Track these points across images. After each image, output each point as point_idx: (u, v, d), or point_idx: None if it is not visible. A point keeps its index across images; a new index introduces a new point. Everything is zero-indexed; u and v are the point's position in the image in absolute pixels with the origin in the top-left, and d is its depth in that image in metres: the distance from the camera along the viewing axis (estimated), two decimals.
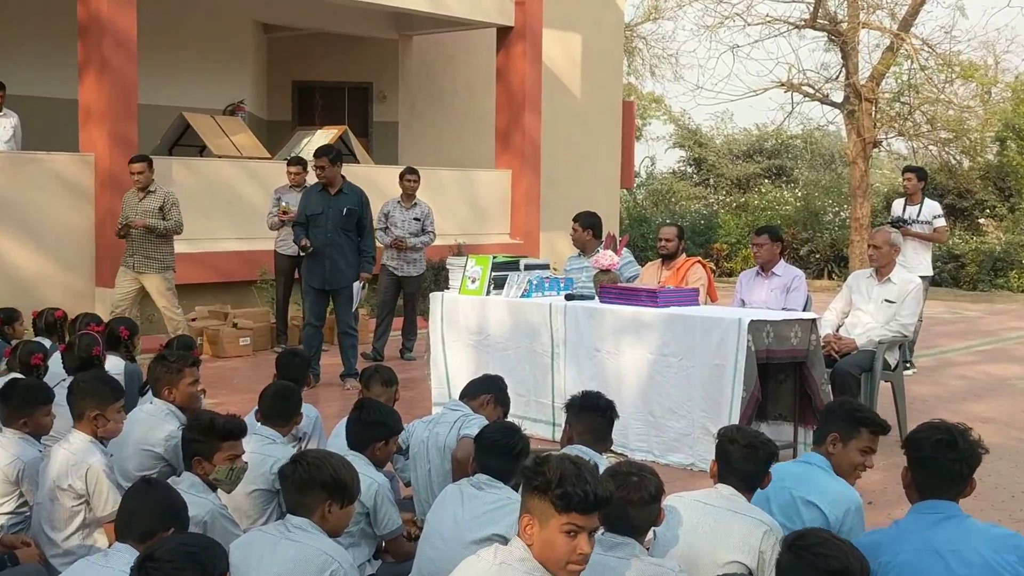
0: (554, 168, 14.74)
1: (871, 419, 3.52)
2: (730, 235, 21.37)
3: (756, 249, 6.70)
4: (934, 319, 12.62)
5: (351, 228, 7.84)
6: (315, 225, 7.88)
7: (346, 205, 7.82)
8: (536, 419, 6.31)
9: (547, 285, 6.56)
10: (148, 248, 8.37)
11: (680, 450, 5.66)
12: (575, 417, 3.88)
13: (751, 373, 5.36)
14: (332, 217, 7.82)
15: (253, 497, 3.81)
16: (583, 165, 15.90)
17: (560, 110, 15.24)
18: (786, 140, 26.93)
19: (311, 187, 8.12)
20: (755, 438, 3.26)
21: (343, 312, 7.89)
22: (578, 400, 3.88)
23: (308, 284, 7.98)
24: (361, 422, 3.81)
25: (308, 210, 7.92)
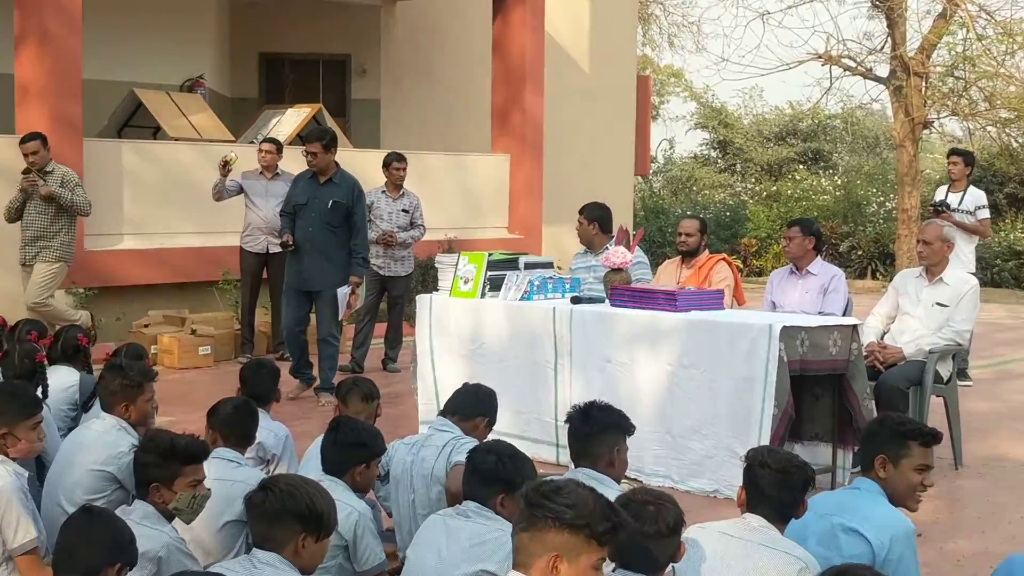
0: (558, 153, 14.75)
1: (919, 430, 3.52)
2: (759, 229, 21.41)
3: (786, 243, 6.72)
4: (992, 324, 12.65)
5: (337, 223, 7.85)
6: (299, 216, 7.91)
7: (332, 197, 7.83)
8: (537, 439, 6.32)
9: (550, 286, 6.57)
10: (44, 236, 8.40)
11: (702, 475, 5.67)
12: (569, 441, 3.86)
13: (783, 387, 5.36)
14: (317, 208, 7.84)
15: (224, 532, 3.81)
16: (592, 149, 15.92)
17: (565, 86, 15.25)
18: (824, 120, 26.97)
19: (301, 173, 8.13)
20: (789, 461, 3.27)
21: (324, 318, 7.92)
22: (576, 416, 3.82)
23: (287, 283, 8.04)
24: (338, 444, 3.82)
25: (294, 199, 7.94)
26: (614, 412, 3.84)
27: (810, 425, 5.94)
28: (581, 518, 2.39)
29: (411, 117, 14.69)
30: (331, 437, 3.85)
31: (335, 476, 3.77)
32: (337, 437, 3.82)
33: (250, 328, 9.62)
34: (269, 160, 9.43)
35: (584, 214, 7.23)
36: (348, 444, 3.80)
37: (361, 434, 3.84)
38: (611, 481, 3.67)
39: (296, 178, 8.16)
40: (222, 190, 9.31)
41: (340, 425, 3.87)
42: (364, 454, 3.82)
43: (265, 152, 9.45)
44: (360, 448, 3.81)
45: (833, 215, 20.86)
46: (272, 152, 9.44)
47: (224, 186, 9.28)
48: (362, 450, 3.82)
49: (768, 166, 26.22)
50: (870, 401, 5.78)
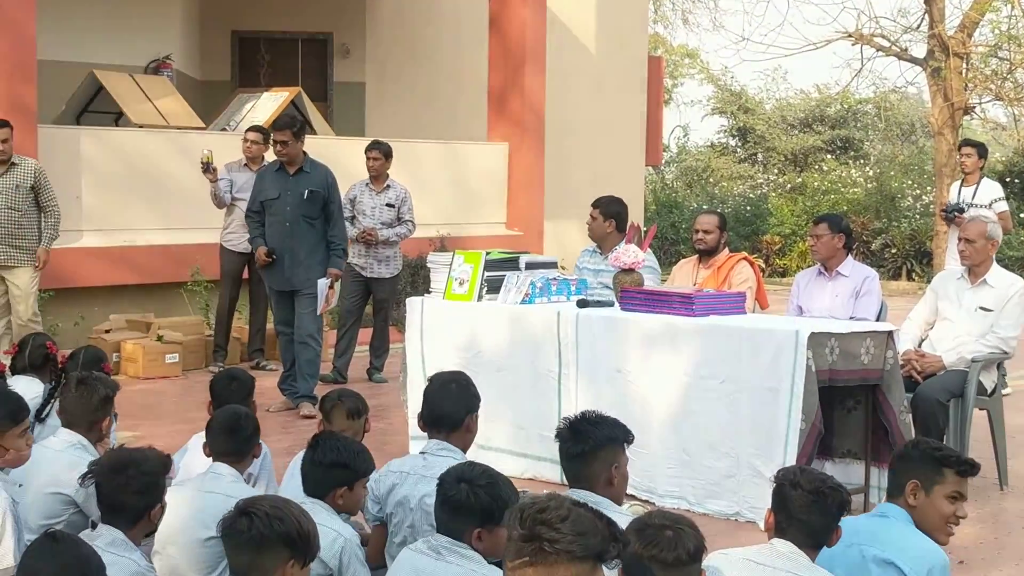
0: (562, 141, 14.75)
1: (955, 458, 3.55)
2: (783, 225, 21.41)
3: (813, 242, 6.72)
4: None
5: (315, 214, 7.91)
6: (271, 213, 7.93)
7: (307, 187, 7.88)
8: (539, 457, 6.31)
9: (554, 288, 6.57)
10: (18, 236, 8.38)
11: (722, 496, 5.67)
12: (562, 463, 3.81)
13: (811, 399, 5.37)
14: (291, 202, 7.87)
15: (208, 546, 3.81)
16: (598, 137, 15.93)
17: (569, 68, 15.26)
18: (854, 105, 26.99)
19: (265, 168, 8.20)
20: (823, 482, 3.28)
21: (304, 318, 7.95)
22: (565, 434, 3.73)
23: (269, 286, 8.08)
24: (317, 464, 3.80)
25: (262, 195, 7.97)
26: (607, 423, 3.75)
27: (841, 441, 5.94)
28: (591, 548, 2.38)
29: (399, 102, 14.69)
30: (310, 456, 3.84)
31: (316, 498, 3.77)
32: (315, 456, 3.81)
33: (225, 335, 9.62)
34: (255, 151, 9.42)
35: (600, 208, 7.19)
36: (328, 464, 3.79)
37: (343, 453, 3.82)
38: (611, 503, 3.61)
39: (261, 173, 8.18)
40: (221, 196, 9.31)
41: (319, 443, 3.85)
42: (346, 476, 3.80)
43: (251, 142, 9.43)
44: (342, 469, 3.80)
45: (864, 210, 20.86)
46: (258, 142, 9.41)
47: (220, 191, 9.28)
48: (343, 472, 3.80)
49: (792, 156, 26.22)
50: (907, 415, 5.78)
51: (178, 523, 3.81)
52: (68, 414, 4.36)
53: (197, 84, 14.41)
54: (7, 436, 3.77)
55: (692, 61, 31.96)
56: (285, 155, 7.87)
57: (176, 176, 10.46)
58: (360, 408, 4.64)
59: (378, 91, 14.83)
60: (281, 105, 12.06)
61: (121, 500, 3.45)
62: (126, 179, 10.44)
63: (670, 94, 30.62)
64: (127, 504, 3.45)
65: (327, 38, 15.03)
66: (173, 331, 9.65)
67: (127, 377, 9.13)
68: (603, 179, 14.28)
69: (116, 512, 3.46)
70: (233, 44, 15.02)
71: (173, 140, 10.79)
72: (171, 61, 13.18)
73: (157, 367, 9.31)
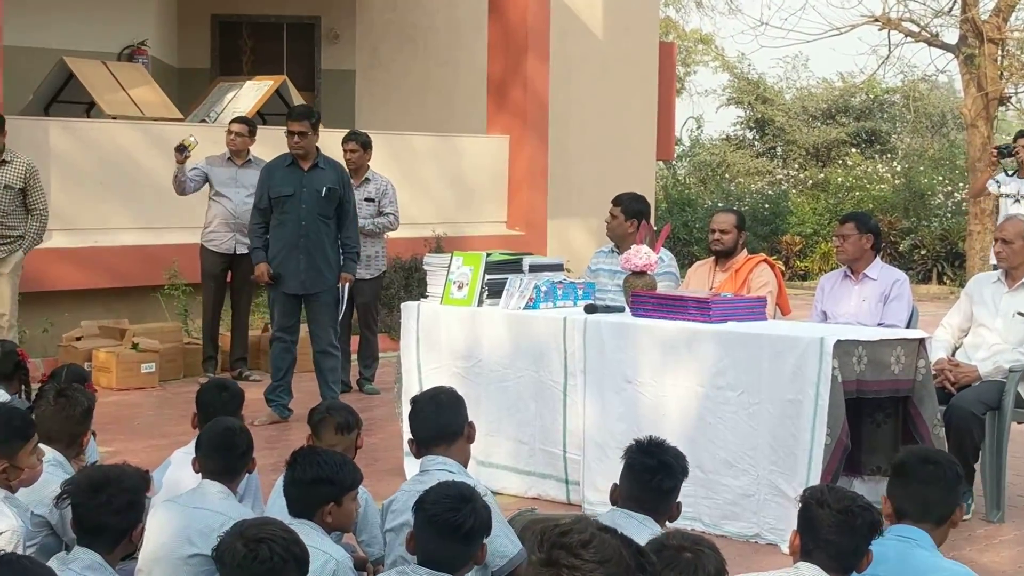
0: (566, 134, 14.77)
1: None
2: (804, 224, 21.43)
3: (839, 242, 6.72)
4: None
5: (330, 214, 7.96)
6: (283, 211, 7.91)
7: (325, 184, 7.90)
8: (544, 474, 6.32)
9: (560, 292, 6.57)
10: (8, 237, 8.36)
11: (740, 516, 5.67)
12: (622, 474, 3.97)
13: (837, 412, 5.37)
14: (307, 200, 7.87)
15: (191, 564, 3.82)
16: (606, 129, 15.93)
17: (575, 55, 15.28)
18: (880, 95, 27.00)
19: (275, 161, 8.13)
20: (853, 501, 3.29)
21: (322, 325, 7.96)
22: (631, 452, 3.98)
23: (277, 288, 8.04)
24: (298, 482, 3.81)
25: (274, 191, 7.94)
26: (682, 455, 4.05)
27: (869, 457, 5.93)
28: None
29: (391, 91, 14.70)
30: (290, 475, 3.85)
31: (303, 518, 3.77)
32: (296, 474, 3.82)
33: (213, 343, 9.62)
34: (239, 144, 9.40)
35: (621, 207, 7.16)
36: (311, 481, 3.80)
37: (324, 468, 3.82)
38: (653, 522, 3.78)
39: (269, 168, 8.12)
40: (184, 181, 9.24)
41: (298, 459, 3.86)
42: (331, 491, 3.81)
43: (235, 134, 9.40)
44: (325, 485, 3.80)
45: (892, 208, 20.88)
46: (243, 134, 9.40)
47: (186, 176, 9.23)
48: (328, 487, 3.81)
49: (814, 149, 26.24)
50: (940, 428, 5.78)
51: (165, 541, 3.82)
52: (46, 428, 4.36)
53: (174, 72, 14.42)
54: (19, 455, 3.80)
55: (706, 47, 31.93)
56: (301, 148, 7.86)
57: (152, 171, 10.46)
58: (351, 422, 4.64)
59: (369, 79, 14.84)
60: (264, 95, 12.08)
61: (101, 521, 3.46)
62: (98, 174, 10.45)
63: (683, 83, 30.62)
64: (107, 525, 3.46)
65: (314, 22, 15.04)
66: (149, 338, 9.64)
67: (100, 388, 9.09)
68: (611, 175, 14.29)
69: (95, 534, 3.47)
70: (213, 29, 15.03)
71: (149, 132, 10.80)
72: (146, 47, 13.19)
73: (132, 377, 9.31)
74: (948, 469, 3.63)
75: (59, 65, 11.37)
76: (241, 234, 9.33)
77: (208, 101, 12.51)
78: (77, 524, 3.53)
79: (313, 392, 8.08)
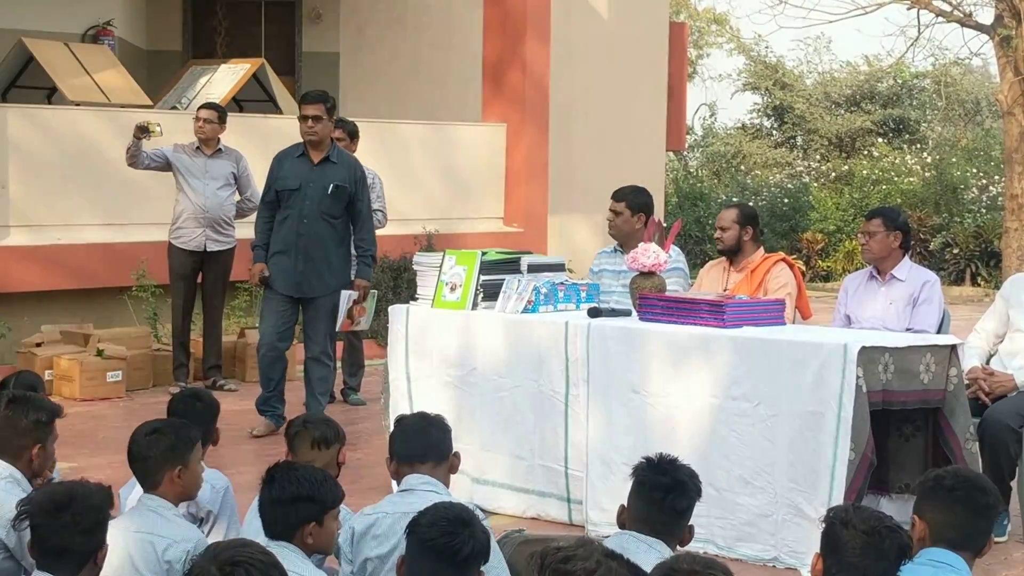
0: (568, 121, 14.77)
1: None
2: (827, 220, 21.46)
3: (864, 240, 6.72)
4: None
5: (338, 213, 7.93)
6: (287, 206, 7.91)
7: (333, 180, 7.87)
8: (543, 493, 6.32)
9: (561, 294, 6.57)
10: None
11: (757, 538, 5.67)
12: (632, 494, 3.99)
13: (862, 425, 5.37)
14: (312, 195, 7.86)
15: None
16: (612, 117, 15.94)
17: (578, 37, 15.28)
18: (909, 80, 27.04)
19: (285, 151, 8.11)
20: (880, 522, 3.30)
21: (318, 332, 7.95)
22: (641, 469, 4.00)
23: (269, 289, 8.04)
24: (276, 502, 3.81)
25: (281, 182, 7.93)
26: (695, 474, 4.07)
27: (897, 474, 5.94)
28: None
29: (379, 75, 14.70)
30: (267, 494, 3.84)
31: (282, 540, 3.77)
32: (273, 493, 3.81)
33: (185, 349, 9.62)
34: (209, 132, 9.40)
35: (625, 201, 7.12)
36: (290, 500, 3.79)
37: (303, 485, 3.81)
38: (663, 545, 3.79)
39: (279, 157, 8.10)
40: (137, 154, 9.25)
41: (275, 476, 3.85)
42: (311, 511, 3.80)
43: (203, 121, 9.40)
44: (305, 504, 3.79)
45: (922, 203, 20.90)
46: (212, 121, 9.40)
47: (140, 150, 9.22)
48: (308, 506, 3.80)
49: (837, 139, 26.28)
50: (973, 443, 5.78)
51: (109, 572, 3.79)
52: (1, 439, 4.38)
53: (143, 54, 14.42)
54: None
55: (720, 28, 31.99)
56: (315, 134, 7.86)
57: (119, 163, 10.42)
58: (328, 436, 4.61)
59: (354, 63, 14.84)
60: (241, 79, 12.09)
61: (64, 543, 3.45)
62: (60, 166, 10.44)
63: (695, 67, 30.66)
64: (71, 547, 3.46)
65: (294, 1, 15.05)
66: (116, 345, 9.64)
67: (62, 399, 9.12)
68: (617, 166, 14.30)
69: (58, 556, 3.46)
70: (185, 8, 15.04)
71: (115, 120, 10.78)
72: (113, 28, 13.19)
73: (97, 387, 9.31)
74: (993, 497, 3.66)
75: (17, 47, 11.38)
76: (212, 230, 9.33)
77: (180, 86, 12.52)
78: (37, 547, 3.52)
79: (298, 403, 8.09)
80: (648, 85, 16.61)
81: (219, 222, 9.39)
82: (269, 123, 11.50)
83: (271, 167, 8.13)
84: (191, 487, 4.25)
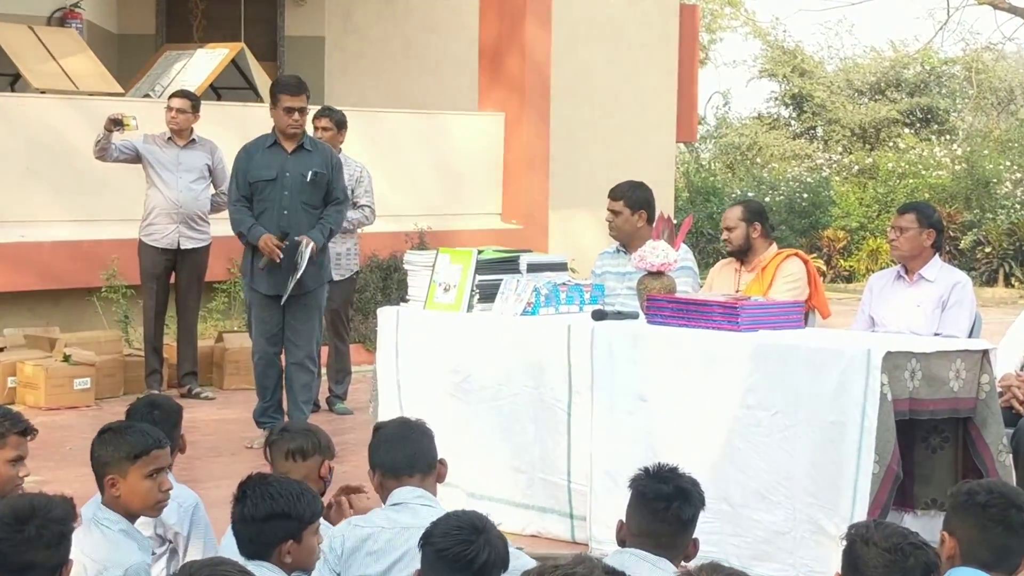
0: (571, 111, 14.77)
1: None
2: (849, 217, 21.46)
3: (894, 235, 6.72)
4: None
5: (317, 202, 7.95)
6: (262, 199, 7.91)
7: (310, 167, 7.89)
8: (544, 508, 6.32)
9: (563, 296, 6.58)
10: None
11: (774, 556, 5.67)
12: (631, 507, 3.99)
13: (887, 436, 5.36)
14: (290, 185, 7.87)
15: None
16: (618, 106, 15.95)
17: (581, 18, 15.29)
18: (938, 67, 27.05)
19: (253, 143, 8.10)
20: (904, 538, 3.31)
21: (301, 335, 7.92)
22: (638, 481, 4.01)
23: (253, 288, 8.03)
24: (248, 520, 3.81)
25: (252, 174, 7.93)
26: (697, 482, 4.12)
27: (924, 488, 5.93)
28: None
29: (367, 61, 14.71)
30: (239, 511, 3.84)
31: (258, 559, 3.78)
32: (246, 510, 3.82)
33: (158, 354, 9.63)
34: (182, 121, 9.42)
35: (623, 199, 7.13)
36: (264, 517, 3.80)
37: (279, 501, 3.81)
38: (668, 563, 3.81)
39: (246, 149, 8.08)
40: (107, 147, 9.28)
41: (247, 492, 3.85)
42: (289, 527, 3.81)
43: (176, 111, 9.42)
44: (282, 520, 3.80)
45: (951, 198, 20.91)
46: (185, 110, 9.43)
47: (110, 143, 9.25)
48: (285, 522, 3.80)
49: (861, 130, 26.29)
50: (1006, 455, 5.78)
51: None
52: None
53: (114, 39, 14.42)
54: None
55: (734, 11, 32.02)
56: (301, 127, 7.92)
57: (88, 155, 10.42)
58: (306, 447, 4.57)
59: (340, 47, 14.84)
60: (219, 65, 12.10)
61: (28, 558, 3.46)
62: (24, 158, 10.46)
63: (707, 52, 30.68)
64: (35, 562, 3.46)
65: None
66: (84, 349, 9.64)
67: (26, 407, 9.11)
68: (623, 159, 14.31)
69: (22, 573, 3.47)
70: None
71: (83, 109, 10.79)
72: (80, 10, 13.19)
73: (64, 395, 9.30)
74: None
75: None
76: (186, 226, 9.34)
77: (153, 73, 12.53)
78: None
79: None
80: (657, 72, 16.62)
81: (193, 217, 9.40)
82: (249, 112, 11.51)
83: (238, 160, 8.08)
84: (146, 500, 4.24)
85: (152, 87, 12.22)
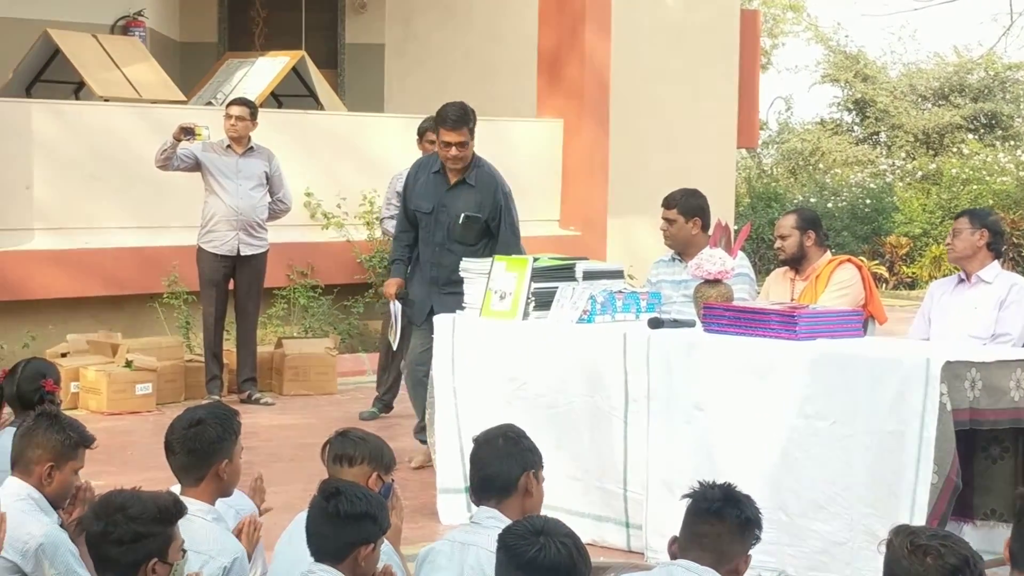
0: (631, 117, 14.73)
1: None
2: (912, 223, 21.29)
3: (950, 240, 6.75)
4: None
5: (472, 241, 7.52)
6: (422, 228, 7.62)
7: (465, 209, 7.50)
8: (600, 516, 6.32)
9: (620, 303, 6.56)
10: None
11: (831, 567, 5.64)
12: (683, 519, 4.00)
13: (947, 446, 5.32)
14: (443, 222, 7.55)
15: None
16: (678, 112, 15.89)
17: (641, 26, 15.25)
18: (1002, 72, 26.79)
19: (419, 164, 7.83)
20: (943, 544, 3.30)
21: None
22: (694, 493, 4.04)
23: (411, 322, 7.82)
24: (338, 517, 3.83)
25: (412, 203, 7.64)
26: (754, 502, 4.08)
27: (983, 498, 5.89)
28: None
29: (426, 68, 14.73)
30: (326, 507, 3.86)
31: (331, 561, 3.82)
32: (339, 507, 3.83)
33: (217, 358, 9.66)
34: (240, 129, 9.48)
35: (677, 207, 7.09)
36: (355, 516, 3.83)
37: (371, 502, 3.87)
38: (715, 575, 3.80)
39: (413, 172, 7.77)
40: (171, 156, 9.34)
41: (341, 491, 3.88)
42: (373, 531, 3.86)
43: (235, 119, 9.47)
44: (368, 522, 3.85)
45: (1016, 204, 20.71)
46: (244, 118, 9.48)
47: (175, 153, 9.32)
48: (371, 525, 3.86)
49: (924, 135, 26.09)
50: None
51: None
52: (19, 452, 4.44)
53: (176, 47, 14.54)
54: None
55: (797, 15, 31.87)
56: (460, 161, 7.46)
57: (150, 162, 10.51)
58: (352, 455, 4.51)
59: (401, 55, 14.89)
60: (280, 73, 12.15)
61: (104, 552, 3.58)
62: (88, 165, 10.54)
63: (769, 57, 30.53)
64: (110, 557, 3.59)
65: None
66: (145, 355, 9.70)
67: (88, 412, 9.20)
68: (684, 165, 14.25)
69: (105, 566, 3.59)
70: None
71: (146, 116, 10.88)
72: (144, 18, 13.30)
73: (125, 400, 9.37)
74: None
75: (43, 39, 11.48)
76: (245, 232, 9.39)
77: (215, 80, 12.61)
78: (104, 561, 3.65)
79: None
80: (717, 77, 16.54)
81: (252, 224, 9.46)
82: (309, 119, 11.56)
83: (406, 184, 7.80)
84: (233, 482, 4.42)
85: (214, 95, 12.29)
